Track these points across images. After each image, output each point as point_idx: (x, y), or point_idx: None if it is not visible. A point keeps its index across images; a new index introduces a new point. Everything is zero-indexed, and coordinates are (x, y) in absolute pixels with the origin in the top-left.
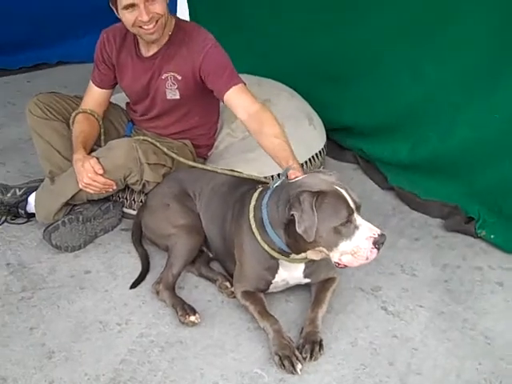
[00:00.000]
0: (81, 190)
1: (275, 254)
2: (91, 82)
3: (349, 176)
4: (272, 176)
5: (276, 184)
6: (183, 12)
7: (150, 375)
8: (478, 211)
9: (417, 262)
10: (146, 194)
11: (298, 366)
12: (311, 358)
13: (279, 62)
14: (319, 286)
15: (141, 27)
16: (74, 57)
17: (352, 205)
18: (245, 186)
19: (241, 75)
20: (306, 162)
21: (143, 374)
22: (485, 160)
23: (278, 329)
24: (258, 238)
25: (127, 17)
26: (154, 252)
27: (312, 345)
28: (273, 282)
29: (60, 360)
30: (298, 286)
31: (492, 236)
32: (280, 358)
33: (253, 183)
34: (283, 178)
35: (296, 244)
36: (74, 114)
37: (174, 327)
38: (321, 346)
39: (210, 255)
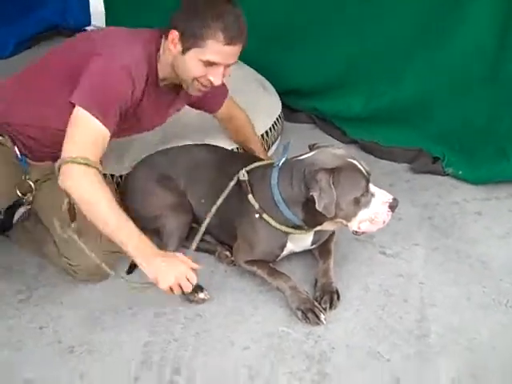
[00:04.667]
0: None
1: (290, 230)
2: (106, 129)
3: (308, 136)
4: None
5: (280, 162)
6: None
7: (181, 351)
8: (442, 150)
9: (398, 206)
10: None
11: (322, 316)
12: (331, 307)
13: None
14: None
15: (201, 83)
16: None
17: (366, 174)
18: (237, 165)
19: None
20: (270, 129)
21: (173, 351)
22: (440, 102)
23: (293, 285)
24: (273, 223)
25: (198, 68)
26: None
27: (330, 295)
28: (281, 255)
29: (83, 353)
30: None
31: (460, 172)
32: (303, 312)
33: (245, 159)
34: (285, 155)
35: (314, 219)
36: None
37: (187, 303)
38: (338, 294)
39: None
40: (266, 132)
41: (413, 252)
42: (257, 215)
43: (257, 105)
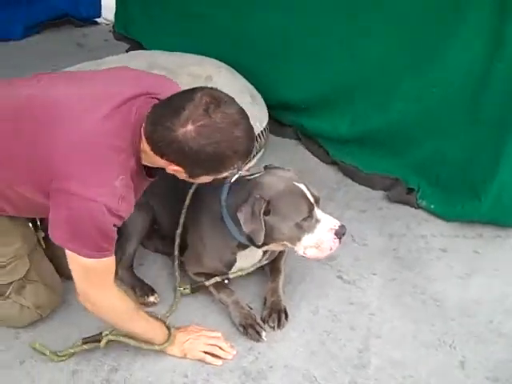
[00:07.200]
0: None
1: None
2: (112, 256)
3: (291, 152)
4: None
5: (233, 179)
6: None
7: (121, 351)
8: (418, 182)
9: (365, 233)
10: None
11: (263, 333)
12: (279, 326)
13: (216, 41)
14: None
15: None
16: None
17: (311, 199)
18: None
19: (182, 54)
20: None
21: (115, 350)
22: (422, 133)
23: (236, 300)
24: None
25: (209, 180)
26: None
27: (278, 313)
28: (229, 273)
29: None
30: None
31: (432, 206)
32: (244, 328)
33: None
34: (239, 173)
35: None
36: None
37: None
38: (286, 314)
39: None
40: None
41: (370, 281)
42: None
43: None
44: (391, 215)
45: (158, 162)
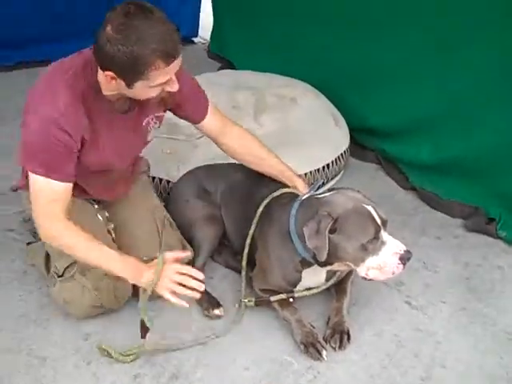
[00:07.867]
0: None
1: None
2: (63, 183)
3: (371, 176)
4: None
5: (305, 196)
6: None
7: (183, 360)
8: (500, 212)
9: (438, 260)
10: None
11: (324, 353)
12: (340, 347)
13: (305, 64)
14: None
15: (160, 96)
16: None
17: (379, 221)
18: (265, 188)
19: (271, 74)
20: (332, 162)
21: (177, 359)
22: (506, 162)
23: (299, 318)
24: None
25: (151, 91)
26: None
27: (341, 334)
28: (294, 291)
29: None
30: None
31: None
32: (305, 346)
33: (273, 185)
34: (312, 191)
35: None
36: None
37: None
38: (348, 335)
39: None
40: (328, 165)
41: (439, 309)
42: None
43: (323, 137)
44: (467, 244)
45: (107, 82)
